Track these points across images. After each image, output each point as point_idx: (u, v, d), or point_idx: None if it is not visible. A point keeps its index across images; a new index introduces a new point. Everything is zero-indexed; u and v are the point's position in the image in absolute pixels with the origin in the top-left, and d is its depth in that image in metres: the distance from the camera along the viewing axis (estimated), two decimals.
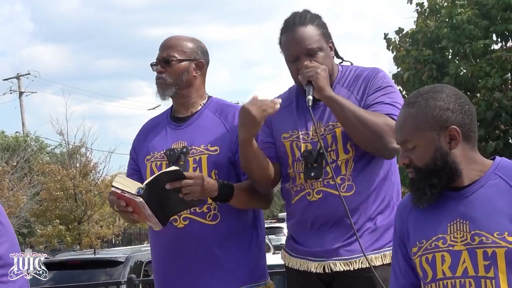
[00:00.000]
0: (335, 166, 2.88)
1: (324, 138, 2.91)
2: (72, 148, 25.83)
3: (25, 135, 35.08)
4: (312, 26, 2.96)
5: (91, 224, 24.71)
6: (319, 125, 2.94)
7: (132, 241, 40.79)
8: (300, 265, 2.94)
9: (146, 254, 8.60)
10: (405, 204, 2.34)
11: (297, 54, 2.94)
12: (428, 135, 2.18)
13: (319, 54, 2.94)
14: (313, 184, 2.91)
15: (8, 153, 26.99)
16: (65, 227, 24.32)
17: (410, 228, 2.28)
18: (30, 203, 25.45)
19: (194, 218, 3.01)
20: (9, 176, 23.97)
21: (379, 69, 3.03)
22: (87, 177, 25.21)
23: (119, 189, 2.78)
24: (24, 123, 37.28)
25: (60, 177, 23.79)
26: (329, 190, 2.88)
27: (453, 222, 2.18)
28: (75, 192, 24.08)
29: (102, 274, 8.05)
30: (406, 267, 2.30)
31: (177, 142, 3.13)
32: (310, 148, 2.93)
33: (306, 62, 2.90)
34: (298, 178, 2.95)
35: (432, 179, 2.18)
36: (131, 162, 3.31)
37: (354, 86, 2.97)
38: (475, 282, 2.11)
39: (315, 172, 2.91)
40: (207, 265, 3.00)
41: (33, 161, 29.07)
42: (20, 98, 37.78)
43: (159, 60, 3.16)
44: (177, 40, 3.20)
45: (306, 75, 2.87)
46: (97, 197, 25.32)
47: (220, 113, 3.16)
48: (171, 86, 3.14)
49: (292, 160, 2.98)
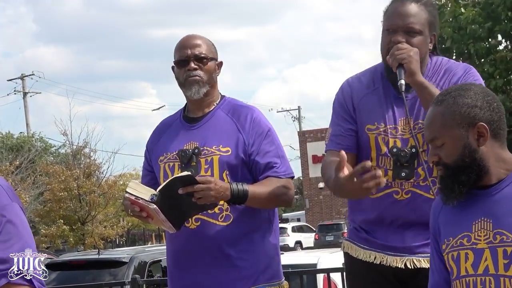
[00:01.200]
0: (427, 168, 2.79)
1: (414, 136, 2.81)
2: (76, 148, 25.84)
3: (30, 135, 35.11)
4: (424, 8, 2.83)
5: (95, 224, 24.71)
6: (409, 121, 2.82)
7: (136, 241, 40.82)
8: (374, 258, 2.87)
9: (150, 255, 8.63)
10: (438, 201, 2.34)
11: (396, 27, 2.81)
12: (456, 132, 2.18)
13: (417, 36, 2.81)
14: (403, 184, 2.82)
15: (12, 154, 27.03)
16: (69, 228, 24.32)
17: (441, 225, 2.29)
18: (34, 204, 25.48)
19: (206, 219, 3.00)
20: (13, 176, 24.00)
21: (471, 66, 2.92)
22: (91, 177, 25.22)
23: (132, 195, 2.79)
24: (28, 123, 37.35)
25: (64, 177, 23.80)
26: (418, 191, 2.81)
27: (478, 221, 2.18)
28: (79, 192, 24.08)
29: (106, 274, 8.06)
30: (440, 263, 2.31)
31: (189, 142, 3.10)
32: (399, 145, 2.83)
33: (398, 43, 2.77)
34: (383, 174, 2.77)
35: (460, 176, 2.18)
36: (145, 163, 3.30)
37: (444, 80, 2.86)
38: (494, 280, 2.12)
39: (406, 172, 2.82)
40: (220, 265, 2.98)
41: (38, 161, 29.09)
42: (24, 99, 37.83)
43: (190, 57, 3.11)
44: (201, 38, 3.17)
45: (398, 57, 2.73)
46: (101, 198, 25.32)
47: (232, 114, 3.13)
48: (205, 84, 3.11)
49: (377, 155, 2.87)
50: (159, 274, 8.21)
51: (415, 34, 2.81)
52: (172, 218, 2.84)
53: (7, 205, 2.41)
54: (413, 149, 2.80)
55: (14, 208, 2.43)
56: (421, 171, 2.80)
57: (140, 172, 3.50)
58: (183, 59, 3.11)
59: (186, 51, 3.11)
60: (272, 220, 3.14)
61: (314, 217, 38.30)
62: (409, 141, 2.82)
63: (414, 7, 2.83)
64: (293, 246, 30.81)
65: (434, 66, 2.91)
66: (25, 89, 37.80)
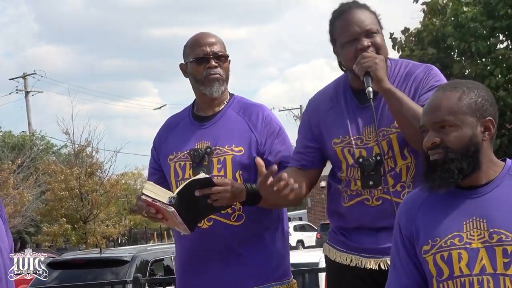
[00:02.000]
0: (394, 174, 2.80)
1: (378, 144, 2.81)
2: (78, 147, 25.85)
3: (31, 134, 35.14)
4: (367, 11, 2.88)
5: (97, 223, 24.74)
6: (372, 129, 2.82)
7: (138, 240, 40.85)
8: (350, 260, 2.89)
9: (152, 253, 8.63)
10: (412, 201, 2.33)
11: (357, 35, 2.81)
12: (469, 119, 2.18)
13: (377, 35, 2.84)
14: (372, 192, 2.83)
15: (14, 152, 27.04)
16: (71, 227, 24.36)
17: (420, 226, 2.26)
18: (36, 202, 25.50)
19: (218, 219, 2.99)
20: (15, 175, 24.02)
21: (432, 66, 2.92)
22: (93, 176, 25.24)
23: (149, 197, 2.76)
24: (30, 122, 37.38)
25: (64, 176, 23.81)
26: (388, 197, 2.79)
27: (469, 220, 2.18)
28: (81, 191, 24.11)
29: (108, 273, 8.07)
30: (411, 265, 2.28)
31: (201, 142, 3.08)
32: (365, 154, 2.83)
33: (367, 47, 2.79)
34: (353, 183, 2.87)
35: (462, 163, 2.17)
36: (151, 161, 3.27)
37: (405, 85, 2.85)
38: (493, 279, 2.12)
39: (373, 180, 2.82)
40: (231, 264, 2.99)
41: (39, 160, 29.10)
42: (26, 98, 37.86)
43: (210, 54, 3.08)
44: (215, 36, 3.15)
45: (364, 65, 2.74)
46: (103, 197, 25.34)
47: (243, 113, 3.11)
48: (224, 82, 3.10)
49: (346, 166, 2.88)
50: (161, 273, 8.22)
51: (375, 34, 2.83)
52: (187, 220, 2.82)
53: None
54: (377, 157, 2.80)
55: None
56: (389, 178, 2.80)
57: (142, 171, 3.52)
58: (202, 57, 3.08)
59: (205, 48, 3.09)
60: (282, 219, 3.14)
61: (316, 216, 38.29)
62: (374, 150, 2.82)
63: (362, 11, 2.86)
64: (295, 245, 30.80)
65: (394, 70, 2.90)
66: (27, 88, 37.82)
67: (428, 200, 2.28)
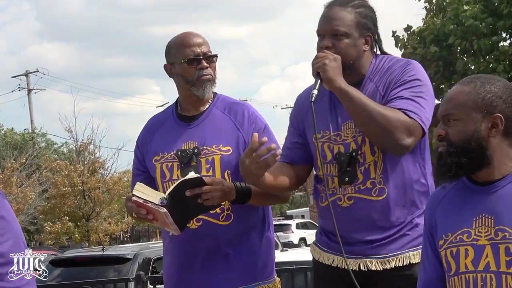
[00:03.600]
0: (363, 170, 2.79)
1: (355, 140, 2.80)
2: (80, 145, 25.87)
3: (33, 131, 35.15)
4: (351, 11, 2.83)
5: (99, 221, 24.78)
6: (350, 125, 2.82)
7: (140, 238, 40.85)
8: (332, 261, 2.89)
9: (154, 251, 8.62)
10: (435, 195, 2.34)
11: (323, 32, 2.82)
12: (473, 115, 2.18)
13: (344, 39, 2.80)
14: (345, 190, 2.81)
15: (16, 151, 27.06)
16: (73, 224, 24.38)
17: (438, 220, 2.28)
18: (39, 200, 25.52)
19: (207, 219, 2.98)
20: (17, 173, 24.04)
21: (411, 61, 2.88)
22: (95, 174, 25.26)
23: (140, 198, 2.75)
24: (32, 120, 37.38)
25: (68, 172, 23.84)
26: (360, 195, 2.79)
27: (478, 217, 2.18)
28: (83, 189, 24.13)
29: (111, 270, 8.07)
30: (434, 259, 2.30)
31: (187, 142, 3.06)
32: (343, 150, 2.82)
33: (326, 48, 2.78)
34: (331, 181, 2.85)
35: (461, 158, 2.17)
36: (136, 162, 3.23)
37: (381, 80, 2.83)
38: (496, 277, 2.11)
39: (349, 177, 2.81)
40: (219, 264, 2.99)
41: (41, 158, 29.12)
42: (29, 96, 37.86)
43: (200, 55, 3.07)
44: (202, 36, 3.13)
45: (314, 66, 2.75)
46: (106, 194, 25.36)
47: (229, 112, 3.10)
48: (214, 82, 3.10)
49: (322, 162, 2.85)
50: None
51: (341, 37, 2.80)
52: (177, 220, 2.81)
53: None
54: (353, 153, 2.80)
55: (5, 204, 2.46)
56: (359, 174, 2.79)
57: None
58: (194, 58, 3.06)
59: (195, 49, 3.06)
60: (267, 218, 3.14)
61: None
62: (350, 145, 2.81)
63: (339, 10, 2.82)
64: (297, 243, 30.78)
65: (377, 67, 2.87)
66: (29, 86, 37.83)
67: (448, 195, 2.29)
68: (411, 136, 2.70)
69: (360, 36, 2.83)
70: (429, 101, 2.78)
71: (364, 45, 2.85)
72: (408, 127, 2.68)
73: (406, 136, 2.68)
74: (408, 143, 2.70)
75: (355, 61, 2.83)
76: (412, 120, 2.70)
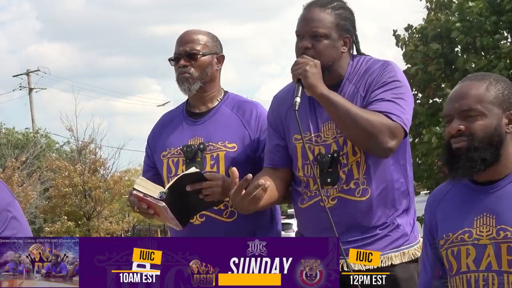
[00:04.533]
0: (346, 170, 2.78)
1: (336, 141, 2.80)
2: (81, 144, 25.90)
3: (35, 131, 35.19)
4: (330, 12, 2.82)
5: (100, 220, 24.81)
6: (331, 126, 2.81)
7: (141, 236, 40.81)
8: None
9: None
10: (435, 196, 2.34)
11: (302, 33, 2.81)
12: (495, 110, 2.18)
13: (323, 41, 2.79)
14: (328, 191, 2.81)
15: (17, 150, 27.09)
16: (74, 223, 24.40)
17: (438, 221, 2.28)
18: (40, 200, 25.54)
19: (210, 215, 3.00)
20: (19, 172, 24.06)
21: (389, 62, 2.87)
22: (97, 173, 25.29)
23: (141, 192, 2.78)
24: (33, 119, 37.41)
25: (68, 172, 23.87)
26: (344, 195, 2.79)
27: (479, 216, 2.18)
28: (84, 188, 24.16)
29: None
30: (435, 259, 2.30)
31: (194, 138, 3.10)
32: (323, 152, 2.81)
33: (305, 48, 2.78)
34: (312, 183, 2.84)
35: (486, 153, 2.16)
36: (146, 158, 3.29)
37: (361, 82, 2.82)
38: (497, 277, 2.11)
39: (331, 178, 2.80)
40: None
41: (42, 157, 29.15)
42: (30, 95, 37.89)
43: (181, 54, 3.12)
44: (197, 34, 3.17)
45: (294, 72, 2.73)
46: (107, 193, 25.40)
47: (237, 110, 3.13)
48: (196, 80, 3.11)
49: (302, 164, 2.86)
50: None
51: (321, 38, 2.79)
52: (179, 216, 2.82)
53: (11, 202, 2.46)
54: (335, 154, 2.79)
55: (16, 205, 2.49)
56: (342, 175, 2.78)
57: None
58: (174, 57, 3.14)
59: (178, 48, 3.14)
60: (275, 219, 3.14)
61: None
62: (331, 147, 2.80)
63: (318, 12, 2.81)
64: None
65: (355, 68, 2.86)
66: (30, 85, 37.86)
67: (449, 194, 2.29)
68: (394, 139, 2.70)
69: (339, 37, 2.83)
70: (409, 102, 2.79)
71: (343, 46, 2.85)
72: (392, 130, 2.69)
73: (390, 139, 2.69)
74: (392, 145, 2.70)
75: (334, 62, 2.82)
76: (395, 122, 2.70)
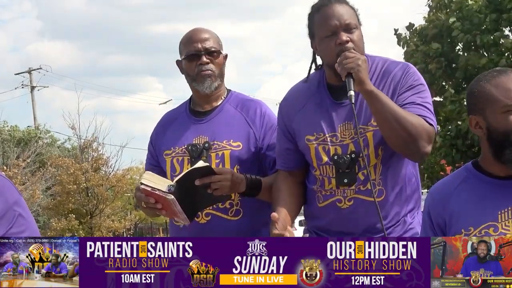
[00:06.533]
0: (366, 172, 2.75)
1: (355, 141, 2.76)
2: (84, 142, 25.88)
3: (36, 128, 35.16)
4: (347, 5, 2.82)
5: (102, 218, 24.78)
6: (348, 126, 2.79)
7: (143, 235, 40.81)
8: None
9: None
10: (442, 190, 2.35)
11: (336, 29, 2.75)
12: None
13: (356, 31, 2.77)
14: (345, 191, 2.79)
15: (20, 147, 27.06)
16: (77, 221, 24.38)
17: (453, 215, 2.28)
18: (43, 197, 25.51)
19: (216, 213, 3.01)
20: (21, 170, 24.04)
21: (409, 65, 2.86)
22: (99, 171, 25.26)
23: (148, 186, 2.74)
24: (35, 117, 37.39)
25: (73, 170, 23.85)
26: (361, 196, 2.78)
27: (504, 210, 2.20)
28: (87, 186, 24.14)
29: None
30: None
31: (198, 136, 3.09)
32: (340, 152, 2.79)
33: (346, 42, 2.73)
34: (327, 182, 2.83)
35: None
36: (149, 156, 3.27)
37: (384, 84, 2.78)
38: None
39: (348, 178, 2.78)
40: None
41: (45, 155, 29.12)
42: (32, 93, 37.85)
43: (201, 51, 3.09)
44: (209, 32, 3.15)
45: (346, 66, 2.65)
46: (109, 191, 25.37)
47: (241, 108, 3.13)
48: (217, 78, 3.11)
49: (318, 164, 2.83)
50: None
51: (354, 30, 2.77)
52: (186, 209, 2.79)
53: (17, 199, 2.49)
54: (352, 155, 2.77)
55: (23, 202, 2.52)
56: (361, 176, 2.77)
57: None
58: (194, 53, 3.09)
59: (196, 45, 3.10)
60: None
61: None
62: (349, 147, 2.79)
63: (341, 5, 2.80)
64: None
65: (371, 67, 2.83)
66: (32, 83, 37.83)
67: (461, 188, 2.30)
68: (430, 143, 2.71)
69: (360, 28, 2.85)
70: (432, 106, 2.79)
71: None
72: (429, 134, 2.69)
73: (427, 143, 2.68)
74: (428, 150, 2.70)
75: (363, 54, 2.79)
76: (431, 127, 2.71)
